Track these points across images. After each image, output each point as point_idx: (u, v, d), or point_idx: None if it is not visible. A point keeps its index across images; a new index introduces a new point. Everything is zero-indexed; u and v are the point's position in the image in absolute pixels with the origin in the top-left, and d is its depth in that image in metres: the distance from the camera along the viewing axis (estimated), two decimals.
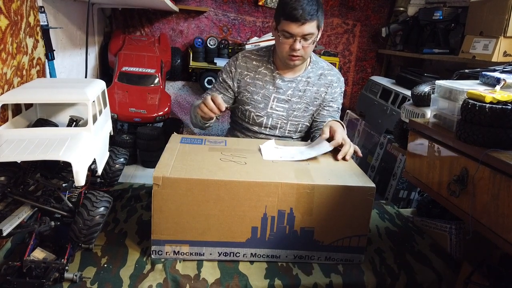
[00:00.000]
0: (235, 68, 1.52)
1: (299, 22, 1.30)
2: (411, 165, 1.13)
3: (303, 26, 1.31)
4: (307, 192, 0.96)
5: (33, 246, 0.88)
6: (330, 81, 1.54)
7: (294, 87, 1.51)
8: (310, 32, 1.33)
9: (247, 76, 1.51)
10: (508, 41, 1.55)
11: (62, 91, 0.98)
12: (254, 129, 1.55)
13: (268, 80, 1.50)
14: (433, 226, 1.24)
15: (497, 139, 0.82)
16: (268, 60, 1.51)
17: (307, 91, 1.51)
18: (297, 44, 1.35)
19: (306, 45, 1.37)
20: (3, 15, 0.98)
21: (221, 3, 2.67)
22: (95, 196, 0.90)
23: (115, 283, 0.89)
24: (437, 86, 1.04)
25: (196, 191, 0.93)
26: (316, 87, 1.52)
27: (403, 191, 1.86)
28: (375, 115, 2.31)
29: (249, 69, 1.51)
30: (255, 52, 1.55)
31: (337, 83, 1.55)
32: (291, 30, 1.33)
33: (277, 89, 1.50)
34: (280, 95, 1.50)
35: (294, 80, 1.51)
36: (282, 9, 1.34)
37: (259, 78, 1.51)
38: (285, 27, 1.33)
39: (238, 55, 1.54)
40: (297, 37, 1.34)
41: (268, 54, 1.53)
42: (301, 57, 1.40)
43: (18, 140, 0.85)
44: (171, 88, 2.61)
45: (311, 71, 1.53)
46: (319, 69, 1.54)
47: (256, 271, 0.97)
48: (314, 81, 1.52)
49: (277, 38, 1.40)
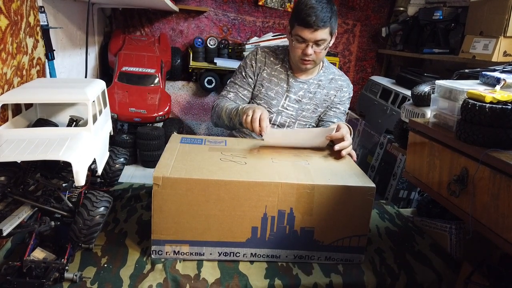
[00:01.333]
0: (255, 62, 1.55)
1: (312, 28, 1.34)
2: (411, 165, 1.13)
3: (316, 32, 1.35)
4: (307, 192, 0.96)
5: (33, 246, 0.88)
6: (340, 86, 1.58)
7: (306, 88, 1.54)
8: (322, 38, 1.37)
9: (265, 72, 1.54)
10: (508, 41, 1.55)
11: (62, 91, 0.98)
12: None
13: (283, 78, 1.53)
14: (433, 226, 1.24)
15: (497, 139, 0.82)
16: (284, 60, 1.55)
17: (318, 93, 1.55)
18: (309, 50, 1.38)
19: (318, 51, 1.40)
20: (3, 15, 0.98)
21: (221, 3, 2.67)
22: (95, 196, 0.90)
23: (115, 283, 0.89)
24: (437, 86, 1.04)
25: (196, 191, 0.93)
26: (327, 90, 1.56)
27: (403, 191, 1.86)
28: (375, 115, 2.31)
29: (267, 64, 1.55)
30: (273, 49, 1.58)
31: (347, 88, 1.60)
32: (304, 35, 1.36)
33: (290, 88, 1.53)
34: (292, 94, 1.53)
35: (306, 82, 1.54)
36: (296, 14, 1.37)
37: (274, 75, 1.54)
38: (299, 32, 1.37)
39: (258, 50, 1.57)
40: (309, 42, 1.37)
41: (284, 54, 1.56)
42: (312, 62, 1.44)
43: (18, 140, 0.85)
44: (171, 88, 2.60)
45: (322, 75, 1.57)
46: (330, 74, 1.58)
47: (256, 271, 0.98)
48: (325, 84, 1.56)
49: (290, 42, 1.44)
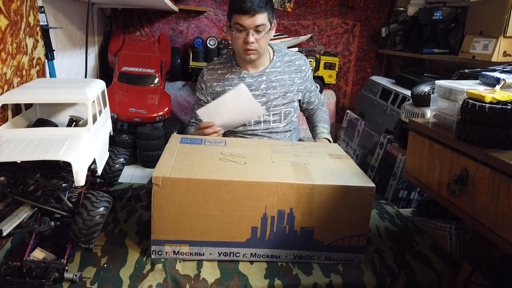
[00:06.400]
0: (204, 83, 1.58)
1: (249, 13, 1.37)
2: (411, 165, 1.13)
3: (254, 17, 1.38)
4: (307, 192, 0.96)
5: (33, 246, 0.88)
6: (299, 66, 1.60)
7: (266, 79, 1.55)
8: (261, 23, 1.39)
9: (217, 86, 1.56)
10: (507, 41, 1.55)
11: (62, 91, 0.98)
12: (240, 129, 1.58)
13: (238, 82, 1.53)
14: (433, 226, 1.24)
15: (497, 139, 0.82)
16: (232, 64, 1.56)
17: (281, 80, 1.56)
18: (251, 37, 1.41)
19: (259, 38, 1.42)
20: (3, 15, 0.98)
21: (221, 3, 2.67)
22: (95, 196, 0.90)
23: (115, 283, 0.89)
24: (437, 86, 1.04)
25: (196, 191, 0.93)
26: (288, 74, 1.58)
27: (403, 191, 1.86)
28: (375, 115, 2.31)
29: (217, 79, 1.56)
30: (217, 62, 1.61)
31: (305, 65, 1.62)
32: (243, 22, 1.39)
33: (249, 87, 1.52)
34: (254, 91, 1.53)
35: (264, 73, 1.55)
36: (233, 3, 1.41)
37: (228, 84, 1.55)
38: (237, 20, 1.40)
39: (203, 71, 1.60)
40: (249, 29, 1.40)
41: (230, 58, 1.58)
42: (255, 51, 1.45)
43: (18, 140, 0.85)
44: (171, 88, 2.60)
45: (277, 61, 1.58)
46: (284, 56, 1.60)
47: (256, 271, 0.98)
48: (284, 69, 1.58)
49: (231, 35, 1.47)
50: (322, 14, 2.78)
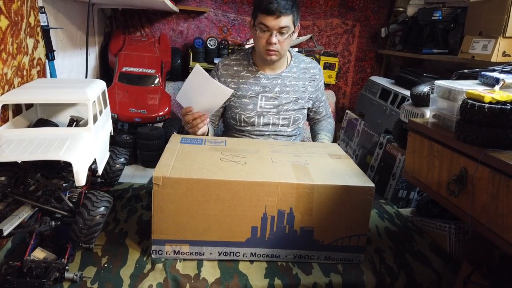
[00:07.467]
0: (218, 78, 1.56)
1: (274, 15, 1.36)
2: (411, 165, 1.13)
3: (279, 19, 1.37)
4: (307, 192, 0.96)
5: (33, 246, 0.88)
6: (313, 75, 1.61)
7: (281, 83, 1.54)
8: (285, 25, 1.39)
9: (232, 83, 1.54)
10: (507, 41, 1.56)
11: (62, 91, 0.99)
12: (247, 129, 1.58)
13: (253, 82, 1.53)
14: (433, 226, 1.24)
15: (496, 139, 0.82)
16: (249, 63, 1.55)
17: (295, 85, 1.56)
18: (273, 38, 1.40)
19: (282, 40, 1.42)
20: (4, 15, 0.99)
21: (221, 4, 2.67)
22: (95, 196, 0.90)
23: (115, 282, 0.89)
24: (436, 86, 1.04)
25: (196, 191, 0.93)
26: (302, 81, 1.58)
27: (402, 190, 1.86)
28: (375, 115, 2.31)
29: (232, 75, 1.55)
30: (234, 58, 1.59)
31: (319, 75, 1.63)
32: (267, 22, 1.38)
33: (263, 88, 1.53)
34: (267, 93, 1.53)
35: (279, 76, 1.55)
36: (258, 4, 1.40)
37: (243, 82, 1.54)
38: (262, 20, 1.39)
39: (218, 65, 1.58)
40: (273, 30, 1.39)
41: (247, 56, 1.57)
42: (277, 52, 1.44)
43: (18, 140, 0.85)
44: (171, 88, 2.60)
45: (294, 66, 1.58)
46: (301, 63, 1.61)
47: (256, 271, 0.98)
48: (299, 75, 1.58)
49: (254, 34, 1.46)
50: (321, 15, 2.79)
